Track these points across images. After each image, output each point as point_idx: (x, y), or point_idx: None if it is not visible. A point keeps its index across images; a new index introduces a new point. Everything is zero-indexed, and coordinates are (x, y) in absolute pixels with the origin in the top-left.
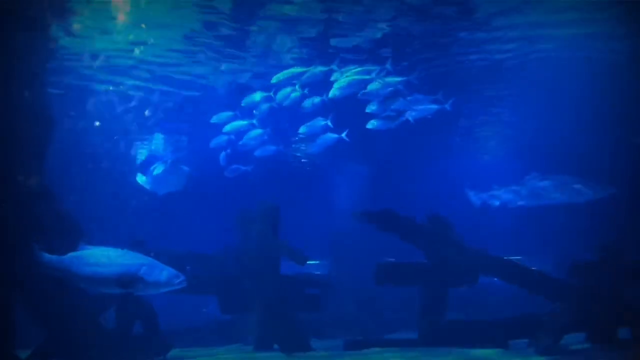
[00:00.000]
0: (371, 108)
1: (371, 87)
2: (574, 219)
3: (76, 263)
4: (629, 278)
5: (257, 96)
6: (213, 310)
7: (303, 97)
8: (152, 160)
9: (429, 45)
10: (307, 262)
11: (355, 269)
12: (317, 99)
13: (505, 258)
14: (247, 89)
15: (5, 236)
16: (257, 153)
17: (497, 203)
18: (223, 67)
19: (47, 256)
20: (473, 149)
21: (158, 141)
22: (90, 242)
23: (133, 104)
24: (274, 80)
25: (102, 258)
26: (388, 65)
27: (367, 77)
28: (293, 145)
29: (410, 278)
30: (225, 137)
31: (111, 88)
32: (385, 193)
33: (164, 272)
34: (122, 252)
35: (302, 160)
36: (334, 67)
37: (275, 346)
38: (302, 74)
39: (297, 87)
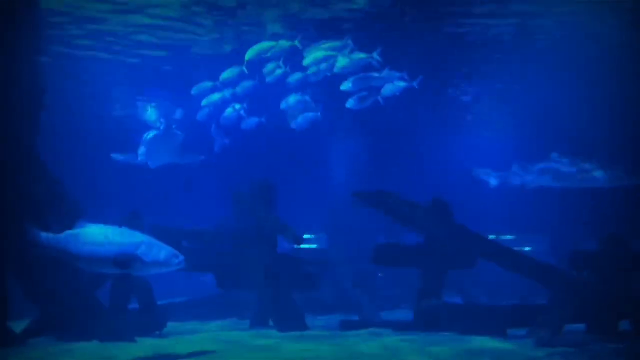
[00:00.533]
0: (346, 86)
1: (340, 63)
2: (579, 204)
3: (72, 242)
4: (631, 269)
5: (229, 72)
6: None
7: (285, 73)
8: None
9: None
10: (302, 242)
11: (352, 245)
12: (298, 75)
13: (506, 245)
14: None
15: None
16: (243, 126)
17: (517, 182)
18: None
19: (43, 234)
20: (476, 125)
21: (150, 111)
22: (88, 219)
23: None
24: (247, 56)
25: (99, 236)
26: (349, 41)
27: (332, 53)
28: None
29: (407, 260)
30: (206, 110)
31: None
32: (384, 167)
33: (162, 252)
34: (120, 230)
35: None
36: (296, 42)
37: (271, 323)
38: (272, 48)
39: (280, 62)
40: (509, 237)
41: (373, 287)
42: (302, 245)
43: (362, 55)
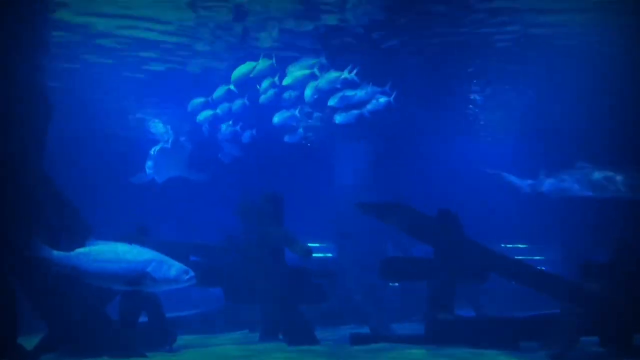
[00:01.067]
0: (332, 102)
1: (320, 83)
2: (592, 212)
3: (84, 260)
4: None
5: (220, 91)
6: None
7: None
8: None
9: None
10: (311, 255)
11: (361, 255)
12: (293, 93)
13: (515, 258)
14: None
15: (6, 228)
16: (244, 139)
17: (546, 190)
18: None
19: (55, 252)
20: (485, 129)
21: (157, 124)
22: (98, 236)
23: None
24: (232, 77)
25: (109, 254)
26: (323, 59)
27: (307, 71)
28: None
29: (416, 274)
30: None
31: None
32: (391, 173)
33: (172, 269)
34: (130, 247)
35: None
36: (272, 61)
37: (281, 336)
38: (254, 69)
39: (267, 81)
40: (521, 246)
41: (382, 298)
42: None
43: (336, 74)
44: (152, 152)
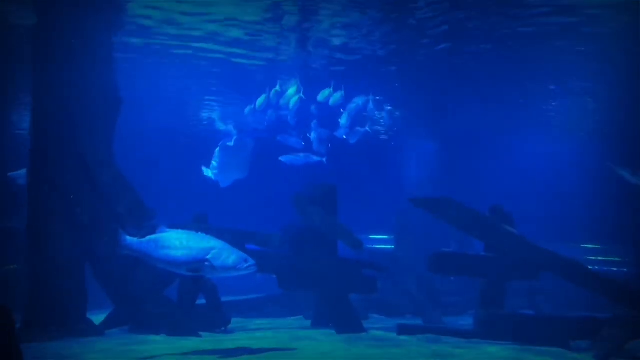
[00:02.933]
0: (344, 119)
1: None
2: None
3: (152, 246)
4: None
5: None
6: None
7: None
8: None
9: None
10: (362, 247)
11: (419, 249)
12: (338, 94)
13: (567, 256)
14: None
15: (79, 216)
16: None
17: None
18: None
19: (128, 239)
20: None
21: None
22: (166, 224)
23: None
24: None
25: (174, 241)
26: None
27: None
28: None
29: (465, 269)
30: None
31: None
32: (456, 172)
33: (232, 257)
34: (195, 235)
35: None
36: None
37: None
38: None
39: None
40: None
41: (437, 292)
42: (376, 246)
43: (327, 90)
44: (216, 152)
